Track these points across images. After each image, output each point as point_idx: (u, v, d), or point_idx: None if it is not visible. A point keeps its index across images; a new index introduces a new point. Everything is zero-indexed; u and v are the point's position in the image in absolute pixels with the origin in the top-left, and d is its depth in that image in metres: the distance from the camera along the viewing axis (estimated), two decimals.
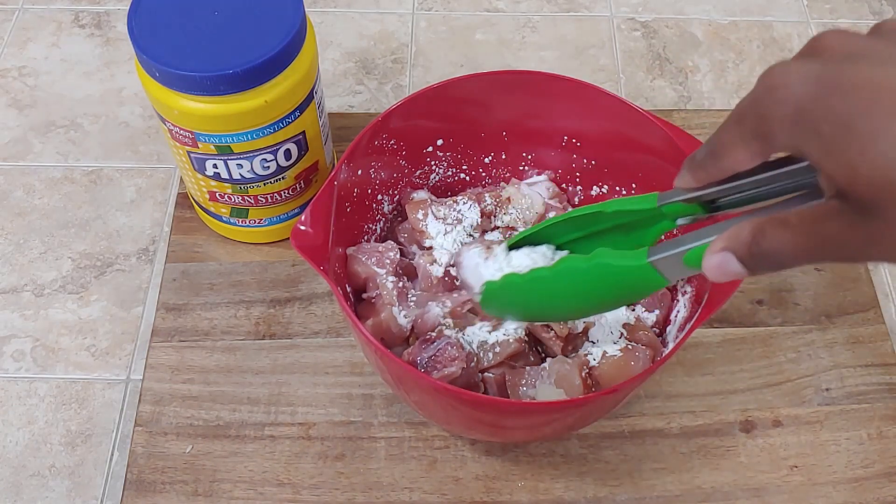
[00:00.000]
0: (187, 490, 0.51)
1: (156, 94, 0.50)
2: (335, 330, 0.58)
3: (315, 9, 0.80)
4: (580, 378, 0.47)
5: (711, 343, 0.58)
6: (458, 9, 0.81)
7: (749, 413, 0.55)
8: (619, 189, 0.56)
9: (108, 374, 0.58)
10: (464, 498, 0.52)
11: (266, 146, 0.53)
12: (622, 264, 0.37)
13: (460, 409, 0.45)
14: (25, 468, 0.54)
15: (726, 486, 0.52)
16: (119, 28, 0.79)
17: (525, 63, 0.77)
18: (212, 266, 0.61)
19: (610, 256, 0.37)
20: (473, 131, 0.56)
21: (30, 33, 0.78)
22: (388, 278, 0.51)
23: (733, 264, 0.30)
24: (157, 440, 0.53)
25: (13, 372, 0.58)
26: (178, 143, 0.54)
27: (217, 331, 0.58)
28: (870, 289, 0.61)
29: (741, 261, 0.30)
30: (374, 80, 0.75)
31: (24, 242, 0.65)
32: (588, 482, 0.52)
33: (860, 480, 0.53)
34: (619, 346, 0.49)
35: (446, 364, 0.47)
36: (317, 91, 0.55)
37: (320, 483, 0.52)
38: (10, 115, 0.72)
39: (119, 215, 0.66)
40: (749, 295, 0.60)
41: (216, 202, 0.58)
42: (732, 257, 0.30)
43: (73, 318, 0.61)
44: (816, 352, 0.58)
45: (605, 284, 0.39)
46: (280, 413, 0.55)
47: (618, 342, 0.50)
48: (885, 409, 0.55)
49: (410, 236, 0.56)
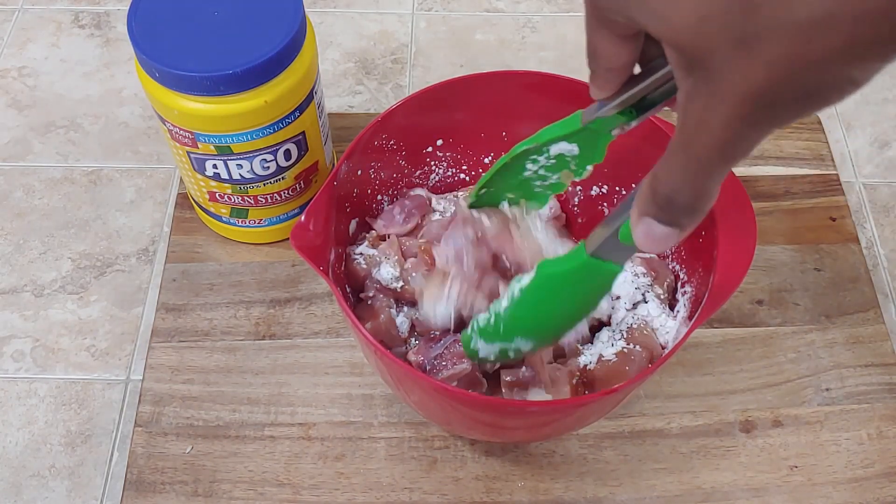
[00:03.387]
0: (187, 490, 0.51)
1: (155, 94, 0.50)
2: (335, 330, 0.58)
3: (315, 9, 0.80)
4: (570, 385, 0.47)
5: (711, 343, 0.58)
6: (458, 9, 0.81)
7: (749, 413, 0.55)
8: (619, 189, 0.56)
9: (107, 375, 0.58)
10: (464, 498, 0.52)
11: (266, 146, 0.53)
12: (565, 269, 0.36)
13: (460, 410, 0.45)
14: (25, 468, 0.54)
15: (726, 486, 0.52)
16: (119, 28, 0.79)
17: (525, 63, 0.77)
18: (212, 266, 0.61)
19: (550, 266, 0.37)
20: (473, 131, 0.56)
21: (30, 34, 0.78)
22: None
23: (656, 227, 0.28)
24: (157, 440, 0.53)
25: (13, 372, 0.58)
26: (177, 143, 0.54)
27: (217, 331, 0.58)
28: (870, 289, 0.61)
29: (659, 220, 0.28)
30: (374, 80, 0.75)
31: (23, 243, 0.65)
32: (588, 482, 0.52)
33: (860, 480, 0.53)
34: (615, 350, 0.49)
35: (455, 361, 0.47)
36: (317, 91, 0.55)
37: (320, 483, 0.52)
38: (9, 116, 0.72)
39: (119, 215, 0.66)
40: (749, 295, 0.60)
41: (216, 202, 0.58)
42: (651, 221, 0.28)
43: (73, 318, 0.61)
44: (816, 352, 0.58)
45: (562, 293, 0.38)
46: (280, 413, 0.55)
47: (616, 344, 0.50)
48: (885, 409, 0.55)
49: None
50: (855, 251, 0.63)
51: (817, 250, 0.63)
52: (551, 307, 0.40)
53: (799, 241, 0.63)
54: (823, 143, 0.69)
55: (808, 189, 0.66)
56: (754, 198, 0.64)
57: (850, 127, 0.74)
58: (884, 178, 0.70)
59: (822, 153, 0.68)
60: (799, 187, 0.66)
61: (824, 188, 0.66)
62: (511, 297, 0.40)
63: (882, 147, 0.72)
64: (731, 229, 0.46)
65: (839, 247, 0.63)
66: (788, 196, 0.66)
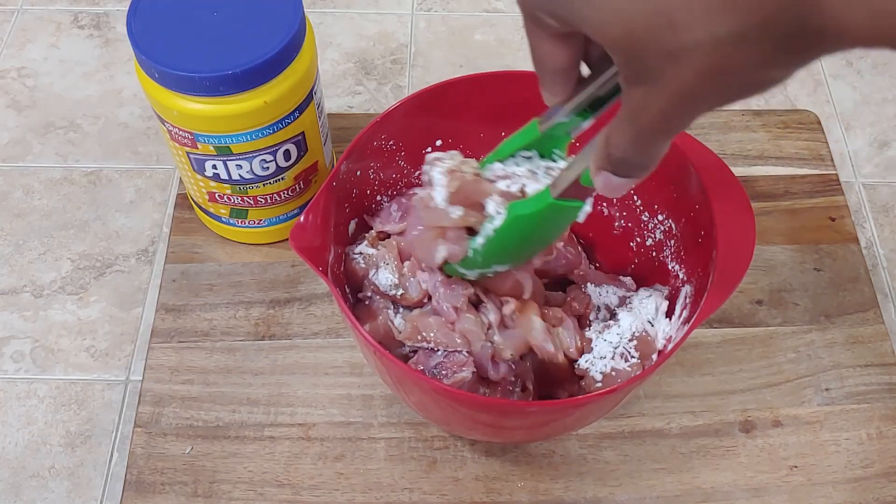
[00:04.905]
0: (187, 491, 0.51)
1: (155, 94, 0.50)
2: (335, 331, 0.58)
3: (314, 9, 0.80)
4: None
5: (711, 343, 0.58)
6: (458, 9, 0.81)
7: (749, 413, 0.55)
8: None
9: (107, 375, 0.58)
10: (463, 498, 0.52)
11: (265, 147, 0.53)
12: (534, 210, 0.39)
13: (460, 410, 0.45)
14: (25, 469, 0.54)
15: (726, 486, 0.52)
16: (118, 29, 0.79)
17: (524, 63, 0.76)
18: (211, 267, 0.61)
19: (520, 207, 0.40)
20: (473, 131, 0.56)
21: (29, 34, 0.78)
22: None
23: (613, 179, 0.31)
24: (157, 441, 0.53)
25: (12, 373, 0.58)
26: (177, 143, 0.54)
27: (217, 331, 0.58)
28: (869, 289, 0.61)
29: (615, 173, 0.31)
30: (374, 80, 0.75)
31: (23, 243, 0.65)
32: (588, 482, 0.52)
33: (860, 480, 0.53)
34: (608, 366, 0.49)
35: (455, 370, 0.47)
36: (316, 91, 0.55)
37: (320, 483, 0.52)
38: (9, 116, 0.72)
39: (118, 216, 0.66)
40: (749, 295, 0.60)
41: (215, 203, 0.58)
42: (608, 174, 0.31)
43: (73, 318, 0.61)
44: (816, 352, 0.58)
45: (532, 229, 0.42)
46: (280, 414, 0.55)
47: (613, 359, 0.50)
48: (884, 409, 0.55)
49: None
50: (854, 251, 0.63)
51: (817, 250, 0.63)
52: (523, 239, 0.43)
53: (798, 241, 0.63)
54: (823, 143, 0.69)
55: (808, 189, 0.66)
56: (754, 198, 0.64)
57: (849, 127, 0.74)
58: (883, 178, 0.70)
59: (821, 153, 0.68)
60: (798, 187, 0.66)
61: (824, 188, 0.66)
62: (486, 236, 0.43)
63: (881, 147, 0.72)
64: (730, 229, 0.46)
65: (839, 247, 0.63)
66: (788, 196, 0.66)
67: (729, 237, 0.46)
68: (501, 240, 0.43)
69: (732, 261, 0.45)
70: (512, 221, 0.41)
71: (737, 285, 0.44)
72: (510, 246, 0.44)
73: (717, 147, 0.67)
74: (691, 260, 0.51)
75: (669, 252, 0.53)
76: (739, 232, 0.46)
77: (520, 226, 0.41)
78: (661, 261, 0.54)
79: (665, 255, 0.54)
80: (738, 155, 0.68)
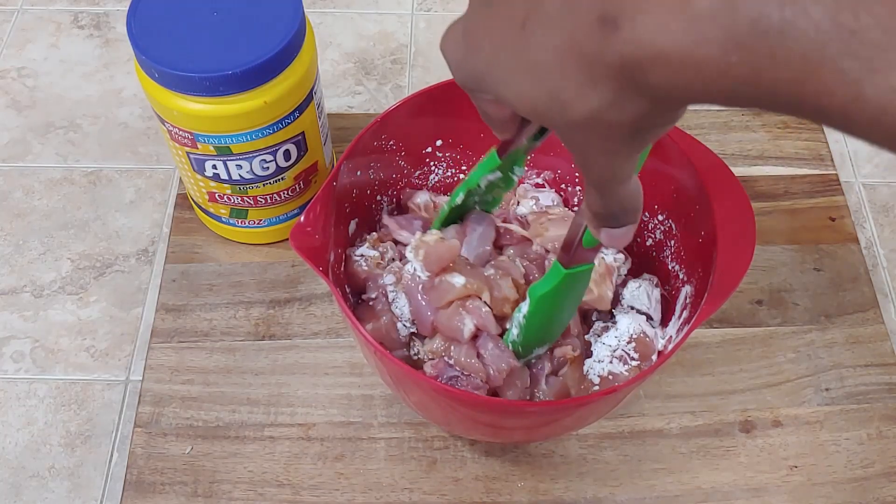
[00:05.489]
0: (187, 491, 0.51)
1: (155, 94, 0.50)
2: (335, 331, 0.58)
3: (314, 9, 0.80)
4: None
5: (711, 343, 0.58)
6: (458, 10, 0.81)
7: (749, 413, 0.55)
8: None
9: (107, 375, 0.58)
10: (463, 498, 0.52)
11: (265, 147, 0.53)
12: (552, 286, 0.43)
13: (460, 410, 0.45)
14: (25, 469, 0.54)
15: (726, 486, 0.52)
16: (118, 29, 0.79)
17: None
18: (211, 267, 0.61)
19: (539, 288, 0.44)
20: (473, 131, 0.56)
21: (29, 34, 0.78)
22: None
23: (613, 231, 0.33)
24: (157, 441, 0.53)
25: (12, 373, 0.58)
26: (177, 143, 0.54)
27: (216, 331, 0.58)
28: (869, 289, 0.61)
29: (611, 227, 0.33)
30: (374, 80, 0.75)
31: (23, 243, 0.65)
32: (588, 482, 0.52)
33: (860, 480, 0.53)
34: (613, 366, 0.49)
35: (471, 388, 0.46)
36: (316, 92, 0.55)
37: (320, 483, 0.52)
38: (9, 116, 0.72)
39: (118, 216, 0.66)
40: (749, 295, 0.60)
41: (215, 203, 0.58)
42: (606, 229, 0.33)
43: (73, 319, 0.61)
44: (816, 352, 0.58)
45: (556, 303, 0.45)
46: (280, 414, 0.55)
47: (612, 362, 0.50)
48: (884, 409, 0.55)
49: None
50: (854, 251, 0.63)
51: (817, 250, 0.63)
52: (552, 316, 0.46)
53: (798, 241, 0.63)
54: (823, 142, 0.69)
55: (808, 189, 0.66)
56: (754, 198, 0.64)
57: None
58: (883, 178, 0.70)
59: (821, 153, 0.68)
60: (798, 187, 0.66)
61: (824, 188, 0.66)
62: (519, 325, 0.46)
63: None
64: (730, 229, 0.46)
65: (838, 247, 0.63)
66: (788, 196, 0.66)
67: (729, 237, 0.46)
68: (533, 323, 0.46)
69: (732, 261, 0.45)
70: (537, 303, 0.44)
71: (737, 285, 0.44)
72: (543, 325, 0.47)
73: (717, 147, 0.67)
74: (691, 260, 0.51)
75: (669, 252, 0.53)
76: (739, 232, 0.46)
77: (545, 304, 0.44)
78: (661, 261, 0.54)
79: (665, 255, 0.54)
80: (738, 155, 0.68)
